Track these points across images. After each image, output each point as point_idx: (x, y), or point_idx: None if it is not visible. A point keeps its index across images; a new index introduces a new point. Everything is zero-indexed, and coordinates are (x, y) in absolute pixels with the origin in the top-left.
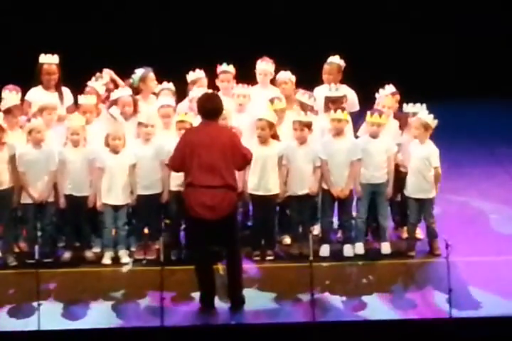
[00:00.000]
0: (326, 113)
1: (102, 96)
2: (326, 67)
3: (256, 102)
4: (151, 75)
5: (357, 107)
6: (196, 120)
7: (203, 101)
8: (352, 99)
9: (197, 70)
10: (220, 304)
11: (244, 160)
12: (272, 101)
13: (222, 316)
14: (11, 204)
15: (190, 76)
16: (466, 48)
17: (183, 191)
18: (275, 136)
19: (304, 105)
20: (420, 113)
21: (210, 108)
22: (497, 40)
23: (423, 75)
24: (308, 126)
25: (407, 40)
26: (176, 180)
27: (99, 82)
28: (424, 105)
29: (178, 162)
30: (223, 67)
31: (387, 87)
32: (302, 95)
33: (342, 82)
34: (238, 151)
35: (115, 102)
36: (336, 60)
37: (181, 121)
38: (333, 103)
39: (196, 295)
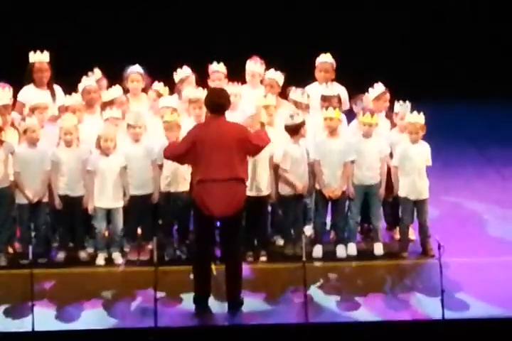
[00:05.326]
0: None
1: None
2: (320, 65)
3: (247, 101)
4: (133, 76)
5: (347, 105)
6: (183, 120)
7: (211, 96)
8: (343, 96)
9: (184, 68)
10: (214, 305)
11: (258, 148)
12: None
13: (216, 317)
14: (7, 204)
15: (178, 74)
16: (456, 48)
17: (193, 191)
18: None
19: (298, 104)
20: (411, 117)
21: (218, 103)
22: (487, 40)
23: (413, 75)
24: (298, 127)
25: (396, 38)
26: (164, 180)
27: (92, 77)
28: (409, 104)
29: (177, 151)
30: (214, 67)
31: (376, 85)
32: (294, 92)
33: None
34: (249, 143)
35: (111, 103)
36: (329, 58)
37: (167, 121)
38: (325, 101)
39: (190, 295)
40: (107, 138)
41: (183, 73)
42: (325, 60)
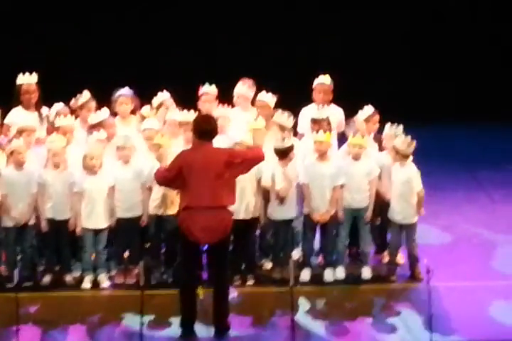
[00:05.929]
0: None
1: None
2: (318, 86)
3: (235, 124)
4: (121, 99)
5: (343, 127)
6: (172, 143)
7: (199, 123)
8: (340, 118)
9: (160, 93)
10: (201, 329)
11: (249, 162)
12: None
13: None
14: None
15: (156, 100)
16: (448, 71)
17: (179, 217)
18: None
19: (282, 127)
20: (395, 141)
21: (206, 129)
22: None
23: (405, 98)
24: (288, 151)
25: (388, 62)
26: (153, 203)
27: (75, 101)
28: (401, 127)
29: (167, 177)
30: (205, 89)
31: (366, 107)
32: (281, 116)
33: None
34: (236, 163)
35: (98, 125)
36: (327, 80)
37: (158, 144)
38: (315, 124)
39: (176, 319)
40: (93, 157)
41: (161, 97)
42: (323, 81)
